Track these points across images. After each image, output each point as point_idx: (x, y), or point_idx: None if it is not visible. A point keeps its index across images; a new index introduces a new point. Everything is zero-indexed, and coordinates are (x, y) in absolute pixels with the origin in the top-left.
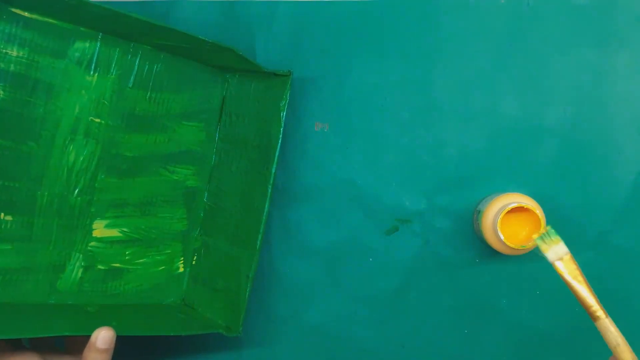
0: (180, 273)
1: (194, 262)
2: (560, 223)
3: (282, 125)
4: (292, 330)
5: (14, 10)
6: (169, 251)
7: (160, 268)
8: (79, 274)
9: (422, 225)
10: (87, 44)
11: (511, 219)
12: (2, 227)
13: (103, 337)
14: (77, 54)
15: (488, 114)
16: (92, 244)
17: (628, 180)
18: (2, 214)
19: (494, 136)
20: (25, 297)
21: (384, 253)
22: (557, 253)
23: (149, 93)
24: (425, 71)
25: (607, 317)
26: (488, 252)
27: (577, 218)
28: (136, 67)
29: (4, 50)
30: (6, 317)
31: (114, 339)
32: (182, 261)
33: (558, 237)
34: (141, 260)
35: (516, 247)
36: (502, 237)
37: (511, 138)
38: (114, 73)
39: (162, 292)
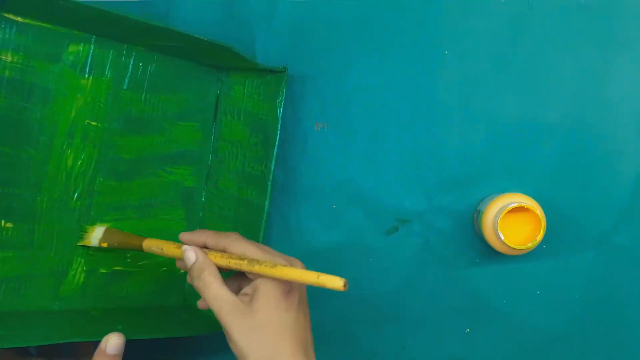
0: (182, 274)
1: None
2: (561, 223)
3: (279, 121)
4: None
5: (6, 15)
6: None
7: (162, 270)
8: (82, 279)
9: (422, 225)
10: (81, 47)
11: (511, 219)
12: (4, 234)
13: (113, 343)
14: (71, 58)
15: (488, 114)
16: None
17: (629, 180)
18: (3, 222)
19: (494, 136)
20: (28, 305)
21: (384, 253)
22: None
23: (144, 94)
24: (425, 71)
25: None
26: (488, 252)
27: (578, 218)
28: (130, 69)
29: None
30: (11, 326)
31: (124, 344)
32: None
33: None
34: (142, 263)
35: (516, 247)
36: (502, 237)
37: (511, 138)
38: (108, 75)
39: (164, 293)
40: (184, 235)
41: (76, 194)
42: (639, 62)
